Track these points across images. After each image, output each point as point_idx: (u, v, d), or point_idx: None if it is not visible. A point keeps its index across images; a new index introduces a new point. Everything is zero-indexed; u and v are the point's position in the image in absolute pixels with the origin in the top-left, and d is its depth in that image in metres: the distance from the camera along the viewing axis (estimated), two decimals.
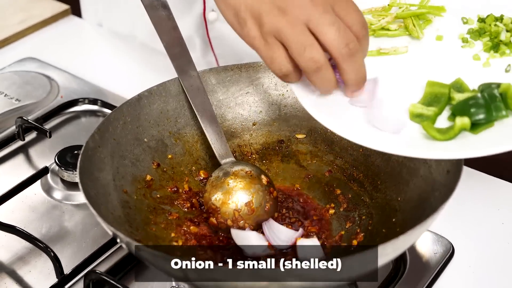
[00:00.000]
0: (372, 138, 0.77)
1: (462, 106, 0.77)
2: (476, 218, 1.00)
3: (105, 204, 0.83)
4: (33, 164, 1.12)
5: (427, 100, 0.81)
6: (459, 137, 0.76)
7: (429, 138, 0.77)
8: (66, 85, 1.29)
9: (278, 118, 1.01)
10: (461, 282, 0.91)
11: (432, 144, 0.76)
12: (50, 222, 1.00)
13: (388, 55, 0.90)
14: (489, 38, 0.91)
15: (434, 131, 0.76)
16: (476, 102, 0.76)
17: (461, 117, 0.76)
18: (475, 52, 0.90)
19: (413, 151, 0.75)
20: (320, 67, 0.74)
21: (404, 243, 0.73)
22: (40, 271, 0.93)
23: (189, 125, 0.98)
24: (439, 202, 0.79)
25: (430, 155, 0.75)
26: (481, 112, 0.76)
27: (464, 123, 0.75)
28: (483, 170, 1.08)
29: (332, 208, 0.94)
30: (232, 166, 0.92)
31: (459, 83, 0.82)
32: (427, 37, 0.93)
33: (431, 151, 0.75)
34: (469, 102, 0.77)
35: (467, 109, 0.77)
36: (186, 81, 0.96)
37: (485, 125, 0.76)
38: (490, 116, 0.76)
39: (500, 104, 0.76)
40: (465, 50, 0.91)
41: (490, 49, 0.89)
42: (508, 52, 0.88)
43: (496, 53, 0.89)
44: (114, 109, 0.91)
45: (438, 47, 0.92)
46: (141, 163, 0.93)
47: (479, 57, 0.89)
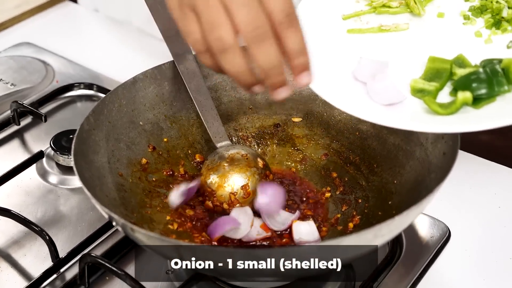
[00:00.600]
0: (373, 113, 0.77)
1: (464, 81, 0.77)
2: (473, 202, 1.00)
3: (100, 187, 0.82)
4: (29, 149, 1.12)
5: (429, 76, 0.81)
6: (460, 111, 0.76)
7: (431, 113, 0.76)
8: (61, 70, 1.29)
9: (274, 101, 1.00)
10: (458, 266, 0.91)
11: (433, 119, 0.76)
12: (46, 206, 1.00)
13: (389, 31, 0.90)
14: (490, 15, 0.90)
15: (435, 105, 0.76)
16: (478, 77, 0.76)
17: (463, 92, 0.75)
18: (477, 29, 0.89)
19: (415, 124, 0.75)
20: (227, 49, 0.68)
21: (400, 224, 0.73)
22: (36, 255, 0.92)
23: (185, 109, 0.98)
24: (435, 184, 0.79)
25: (432, 129, 0.74)
26: (483, 87, 0.76)
27: (466, 97, 0.75)
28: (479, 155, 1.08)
29: (328, 192, 0.93)
30: (228, 149, 0.92)
31: (461, 59, 0.82)
32: (429, 14, 0.93)
33: (432, 124, 0.74)
34: (471, 77, 0.77)
35: (469, 84, 0.76)
36: (182, 64, 0.95)
37: (487, 100, 0.76)
38: (492, 91, 0.76)
39: (502, 79, 0.76)
40: (466, 27, 0.90)
41: (492, 26, 0.89)
42: (510, 29, 0.88)
43: (498, 29, 0.88)
44: (109, 92, 0.91)
45: (439, 24, 0.92)
46: (136, 146, 0.92)
47: (480, 34, 0.88)
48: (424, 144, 0.86)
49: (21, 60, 1.30)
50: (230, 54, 0.69)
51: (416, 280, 0.88)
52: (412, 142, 0.88)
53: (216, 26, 0.68)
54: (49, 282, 0.88)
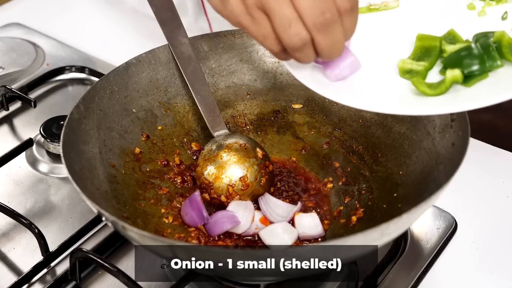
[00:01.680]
0: (358, 98, 0.72)
1: (454, 58, 0.72)
2: (480, 191, 0.96)
3: (90, 179, 0.78)
4: (18, 135, 1.08)
5: (418, 55, 0.76)
6: (451, 91, 0.71)
7: (420, 94, 0.72)
8: (52, 52, 1.25)
9: (273, 87, 0.96)
10: (465, 258, 0.87)
11: (422, 100, 0.71)
12: (35, 196, 0.96)
13: (378, 11, 0.85)
14: None
15: (424, 86, 0.71)
16: (469, 53, 0.71)
17: (451, 70, 0.71)
18: (470, 1, 0.84)
19: (400, 108, 0.70)
20: (306, 44, 0.67)
21: (407, 222, 0.69)
22: (25, 248, 0.89)
23: (180, 95, 0.94)
24: (443, 176, 0.76)
25: (418, 111, 0.70)
26: (474, 63, 0.70)
27: (455, 76, 0.70)
28: (483, 140, 1.04)
29: (330, 182, 0.90)
30: (226, 139, 0.88)
31: (452, 35, 0.77)
32: None
33: (419, 107, 0.70)
34: (461, 53, 0.72)
35: (459, 60, 0.71)
36: (177, 48, 0.91)
37: (478, 77, 0.71)
38: (483, 67, 0.70)
39: (495, 53, 0.71)
40: (459, 1, 0.85)
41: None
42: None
43: (493, 0, 0.83)
44: (100, 78, 0.87)
45: (430, 0, 0.86)
46: (129, 135, 0.88)
47: (474, 6, 0.83)
48: (432, 133, 0.82)
49: (10, 41, 1.27)
50: (307, 48, 0.67)
51: (422, 274, 0.85)
52: (418, 131, 0.84)
53: (292, 22, 0.65)
54: (39, 277, 0.85)
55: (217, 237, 0.82)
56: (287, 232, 0.80)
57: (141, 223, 0.79)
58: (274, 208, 0.85)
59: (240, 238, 0.83)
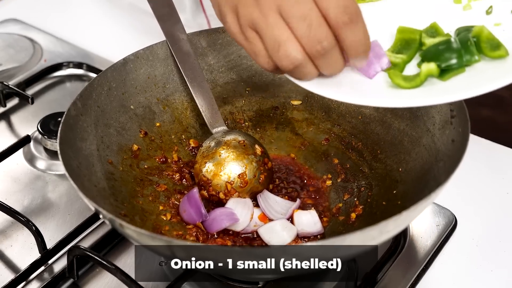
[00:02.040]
0: (333, 89, 0.70)
1: (432, 51, 0.71)
2: (480, 188, 0.95)
3: (88, 176, 0.78)
4: (15, 132, 1.08)
5: (397, 48, 0.75)
6: (427, 84, 0.70)
7: (396, 87, 0.71)
8: (50, 48, 1.24)
9: (272, 83, 0.95)
10: (465, 256, 0.87)
11: (397, 93, 0.70)
12: (33, 193, 0.96)
13: (364, 2, 0.84)
14: None
15: (399, 78, 0.70)
16: (447, 47, 0.70)
17: (427, 63, 0.70)
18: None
19: (372, 100, 0.68)
20: (298, 65, 0.65)
21: (407, 219, 0.69)
22: (22, 245, 0.88)
23: (178, 91, 0.93)
24: (443, 173, 0.75)
25: (390, 103, 0.68)
26: (452, 57, 0.69)
27: (430, 69, 0.69)
28: (482, 136, 1.03)
29: (329, 179, 0.89)
30: (224, 136, 0.87)
31: (434, 28, 0.76)
32: None
33: (392, 99, 0.68)
34: (439, 47, 0.71)
35: (437, 54, 0.70)
36: (175, 44, 0.90)
37: (455, 71, 0.70)
38: (461, 61, 0.70)
39: (473, 48, 0.70)
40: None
41: None
42: None
43: None
44: (97, 75, 0.86)
45: None
46: (127, 131, 0.88)
47: (460, 0, 0.82)
48: (431, 130, 0.81)
49: (8, 37, 1.26)
50: (300, 68, 0.66)
51: (421, 272, 0.84)
52: (418, 127, 0.83)
53: (281, 44, 0.64)
54: (37, 275, 0.85)
55: (216, 235, 0.81)
56: (286, 230, 0.80)
57: (139, 221, 0.79)
58: (273, 205, 0.84)
59: (239, 235, 0.82)
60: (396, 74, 0.71)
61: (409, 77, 0.71)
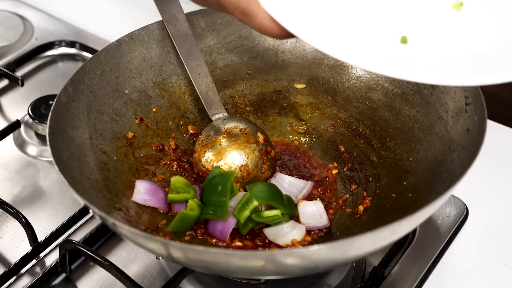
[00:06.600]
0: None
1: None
2: (492, 176, 0.92)
3: (80, 168, 0.73)
4: (5, 116, 1.03)
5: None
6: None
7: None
8: (41, 26, 1.20)
9: (275, 66, 0.91)
10: (476, 247, 0.84)
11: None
12: (24, 181, 0.92)
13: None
14: None
15: None
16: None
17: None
18: None
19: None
20: None
21: (420, 218, 0.64)
22: (12, 237, 0.85)
23: (176, 74, 0.88)
24: (457, 165, 0.71)
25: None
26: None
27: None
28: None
29: (335, 168, 0.85)
30: (225, 123, 0.83)
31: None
32: None
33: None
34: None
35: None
36: (172, 25, 0.85)
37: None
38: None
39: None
40: None
41: None
42: None
43: None
44: (90, 58, 0.81)
45: None
46: (121, 118, 0.83)
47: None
48: (444, 117, 0.77)
49: None
50: None
51: (432, 265, 0.81)
52: (430, 114, 0.79)
53: None
54: (28, 269, 0.81)
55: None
56: (295, 229, 0.75)
57: (134, 215, 0.75)
58: (288, 187, 0.80)
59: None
60: None
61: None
